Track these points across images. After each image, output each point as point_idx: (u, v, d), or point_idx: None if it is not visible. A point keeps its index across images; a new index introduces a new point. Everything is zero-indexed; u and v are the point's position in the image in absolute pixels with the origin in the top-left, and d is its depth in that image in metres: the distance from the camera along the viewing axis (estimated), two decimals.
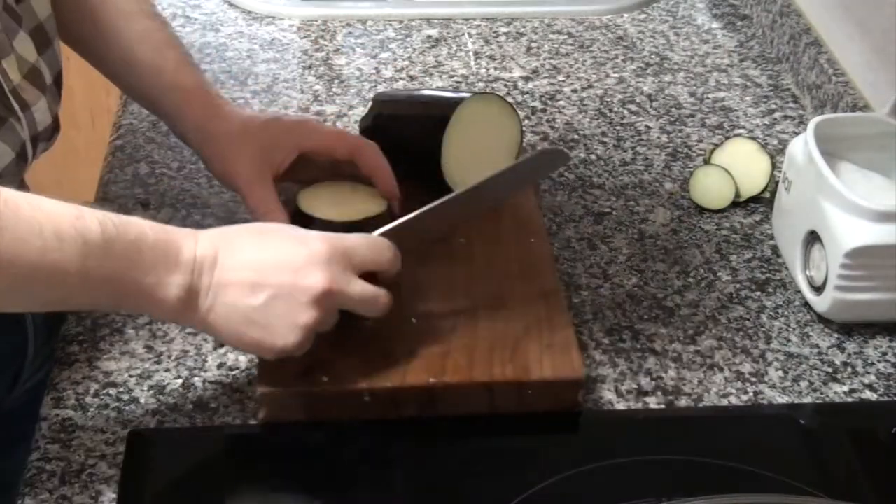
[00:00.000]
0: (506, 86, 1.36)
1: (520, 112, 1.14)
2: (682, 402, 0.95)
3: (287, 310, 0.83)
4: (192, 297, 0.82)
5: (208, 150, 1.03)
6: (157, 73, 1.03)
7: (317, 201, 1.00)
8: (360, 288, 0.86)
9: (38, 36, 0.95)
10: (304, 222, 0.97)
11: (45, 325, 1.04)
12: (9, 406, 1.05)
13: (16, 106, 0.91)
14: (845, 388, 0.97)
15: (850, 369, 0.99)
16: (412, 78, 1.37)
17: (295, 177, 1.03)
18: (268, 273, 0.83)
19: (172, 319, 0.90)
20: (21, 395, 1.05)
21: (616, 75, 1.39)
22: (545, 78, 1.38)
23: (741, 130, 1.29)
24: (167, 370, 0.95)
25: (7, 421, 1.04)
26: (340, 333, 0.93)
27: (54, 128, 0.97)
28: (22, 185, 1.10)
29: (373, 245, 0.88)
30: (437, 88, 1.34)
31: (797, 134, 1.12)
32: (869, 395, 0.96)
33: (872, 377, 0.98)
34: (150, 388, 0.94)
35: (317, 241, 0.85)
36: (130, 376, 0.95)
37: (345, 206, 1.00)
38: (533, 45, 1.45)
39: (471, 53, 1.42)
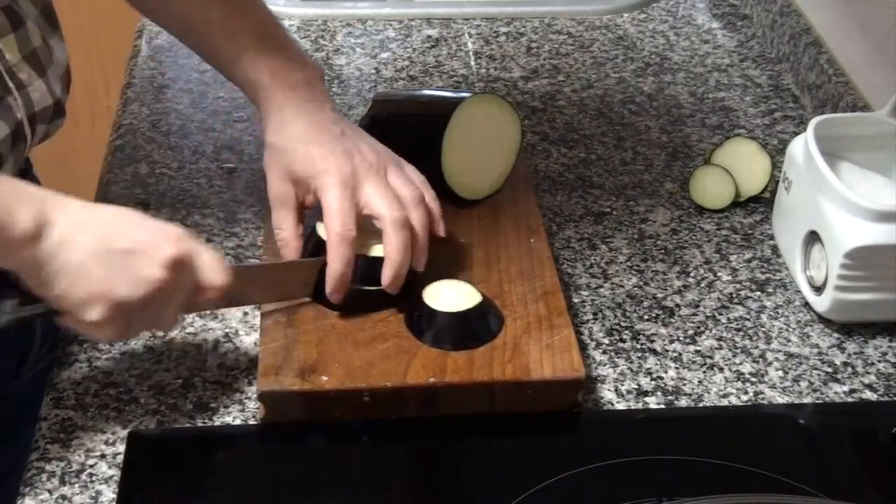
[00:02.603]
0: (506, 86, 1.36)
1: (520, 112, 1.14)
2: (682, 402, 0.95)
3: (140, 263, 0.81)
4: (40, 227, 0.79)
5: (266, 148, 1.02)
6: (235, 61, 1.03)
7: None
8: (209, 255, 0.86)
9: (43, 21, 0.97)
10: (322, 249, 0.96)
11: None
12: (14, 391, 1.05)
13: (11, 85, 0.92)
14: (845, 388, 0.97)
15: (850, 369, 0.99)
16: (412, 78, 1.37)
17: None
18: (129, 228, 0.83)
19: (15, 254, 0.80)
20: (26, 383, 1.06)
21: (616, 75, 1.39)
22: (545, 78, 1.38)
23: (741, 130, 1.29)
24: (167, 370, 0.95)
25: (12, 406, 1.04)
26: (340, 333, 0.93)
27: (56, 112, 0.98)
28: (27, 171, 1.10)
29: (217, 260, 0.87)
30: (437, 88, 1.34)
31: (797, 134, 1.12)
32: (869, 395, 0.96)
33: (872, 377, 0.98)
34: (150, 388, 0.94)
35: (170, 224, 0.86)
36: (130, 376, 0.95)
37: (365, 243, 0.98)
38: (533, 45, 1.45)
39: (471, 53, 1.42)
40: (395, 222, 0.95)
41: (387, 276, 0.94)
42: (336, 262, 0.94)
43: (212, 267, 0.86)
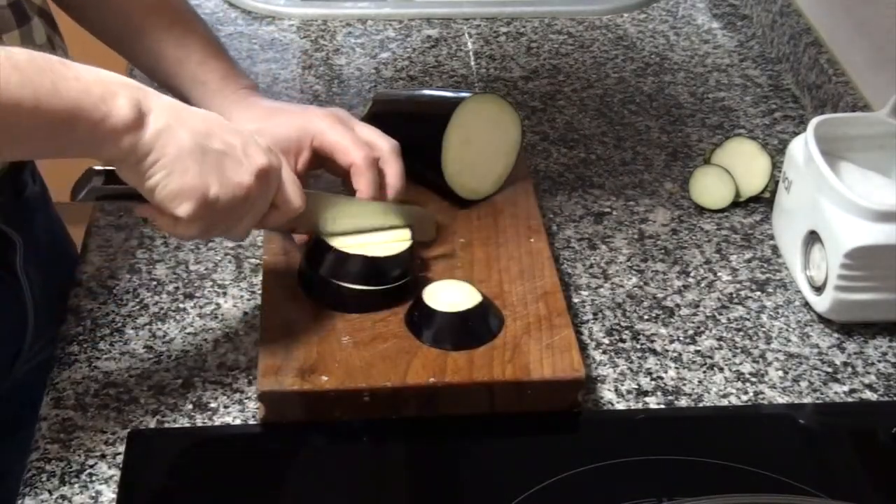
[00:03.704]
0: (506, 86, 1.36)
1: (520, 112, 1.14)
2: (682, 402, 0.95)
3: (233, 166, 0.83)
4: (141, 116, 0.79)
5: None
6: (180, 65, 1.04)
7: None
8: (290, 176, 0.89)
9: (46, 18, 0.97)
10: (322, 248, 0.97)
11: (46, 305, 1.04)
12: (12, 385, 1.05)
13: None
14: (845, 388, 0.97)
15: (850, 369, 0.99)
16: (412, 78, 1.37)
17: (327, 167, 1.04)
18: (223, 130, 0.84)
19: (115, 144, 0.79)
20: (23, 376, 1.06)
21: (616, 75, 1.39)
22: (545, 78, 1.38)
23: (741, 130, 1.29)
24: (167, 370, 0.95)
25: (10, 403, 1.05)
26: (340, 333, 0.93)
27: None
28: (35, 175, 1.10)
29: (295, 182, 0.90)
30: (437, 88, 1.34)
31: (797, 134, 1.12)
32: (869, 395, 0.96)
33: (872, 377, 0.98)
34: (150, 388, 0.94)
35: (260, 136, 0.88)
36: (130, 376, 0.95)
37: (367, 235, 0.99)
38: (533, 45, 1.45)
39: (471, 53, 1.42)
40: (394, 149, 1.01)
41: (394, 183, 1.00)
42: (368, 188, 0.98)
43: (292, 187, 0.89)
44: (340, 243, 0.96)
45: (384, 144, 1.01)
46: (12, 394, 1.05)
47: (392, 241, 0.98)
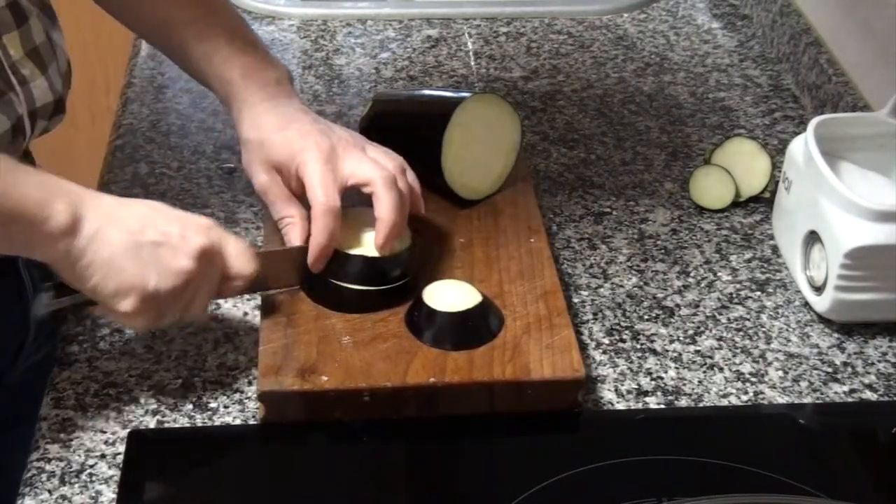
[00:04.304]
0: (506, 86, 1.36)
1: (520, 112, 1.14)
2: (682, 402, 0.95)
3: (170, 254, 0.85)
4: (76, 222, 0.82)
5: (243, 146, 1.03)
6: (207, 60, 1.04)
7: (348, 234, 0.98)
8: (237, 246, 0.90)
9: (46, 19, 0.98)
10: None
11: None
12: (12, 382, 1.05)
13: (14, 80, 0.93)
14: (845, 388, 0.97)
15: (850, 369, 0.99)
16: (412, 78, 1.37)
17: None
18: (158, 220, 0.86)
19: (51, 247, 0.83)
20: (23, 374, 1.06)
21: (616, 75, 1.39)
22: (545, 78, 1.38)
23: (741, 130, 1.29)
24: (167, 370, 0.95)
25: (11, 400, 1.05)
26: (340, 333, 0.93)
27: (57, 109, 0.98)
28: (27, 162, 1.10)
29: (245, 249, 0.90)
30: (437, 88, 1.34)
31: (797, 134, 1.11)
32: (869, 395, 0.96)
33: (872, 377, 0.98)
34: (150, 388, 0.94)
35: (197, 215, 0.89)
36: (130, 376, 0.95)
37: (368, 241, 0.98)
38: (533, 45, 1.45)
39: (471, 53, 1.42)
40: (385, 180, 0.95)
41: (381, 236, 0.94)
42: (321, 236, 0.94)
43: (240, 256, 0.89)
44: (340, 244, 0.96)
45: (374, 175, 0.96)
46: (14, 389, 1.05)
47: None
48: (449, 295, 0.95)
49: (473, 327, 0.93)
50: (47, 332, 1.04)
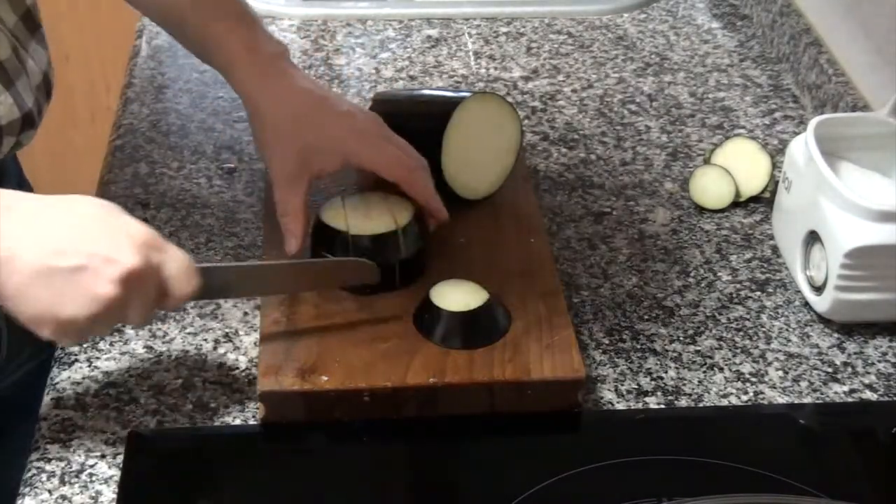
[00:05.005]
0: (506, 86, 1.36)
1: (520, 112, 1.14)
2: (682, 402, 0.95)
3: (89, 281, 0.77)
4: None
5: (254, 123, 1.01)
6: (206, 37, 1.02)
7: (340, 214, 0.99)
8: (178, 262, 0.81)
9: (14, 35, 0.94)
10: (327, 234, 0.97)
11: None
12: (10, 382, 1.05)
13: None
14: (845, 388, 0.97)
15: (850, 369, 0.99)
16: (412, 78, 1.37)
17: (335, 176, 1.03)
18: (81, 240, 0.78)
19: None
20: (9, 388, 1.06)
21: (616, 75, 1.39)
22: (545, 78, 1.38)
23: (741, 130, 1.29)
24: (167, 370, 0.95)
25: (14, 391, 1.05)
26: (340, 333, 0.93)
27: (25, 124, 0.95)
28: (23, 183, 1.10)
29: (186, 268, 0.82)
30: (437, 88, 1.34)
31: (797, 134, 1.12)
32: (869, 395, 0.96)
33: (872, 377, 0.98)
34: (150, 388, 0.94)
35: (137, 225, 0.80)
36: (130, 376, 0.95)
37: (370, 220, 0.98)
38: (533, 45, 1.45)
39: (471, 53, 1.42)
40: (425, 168, 1.01)
41: (436, 213, 1.00)
42: (435, 201, 1.00)
43: (179, 275, 0.81)
44: (343, 224, 0.97)
45: (412, 163, 1.00)
46: (13, 389, 1.05)
47: (393, 211, 0.99)
48: (456, 294, 0.95)
49: (484, 325, 0.93)
50: (26, 354, 1.03)
